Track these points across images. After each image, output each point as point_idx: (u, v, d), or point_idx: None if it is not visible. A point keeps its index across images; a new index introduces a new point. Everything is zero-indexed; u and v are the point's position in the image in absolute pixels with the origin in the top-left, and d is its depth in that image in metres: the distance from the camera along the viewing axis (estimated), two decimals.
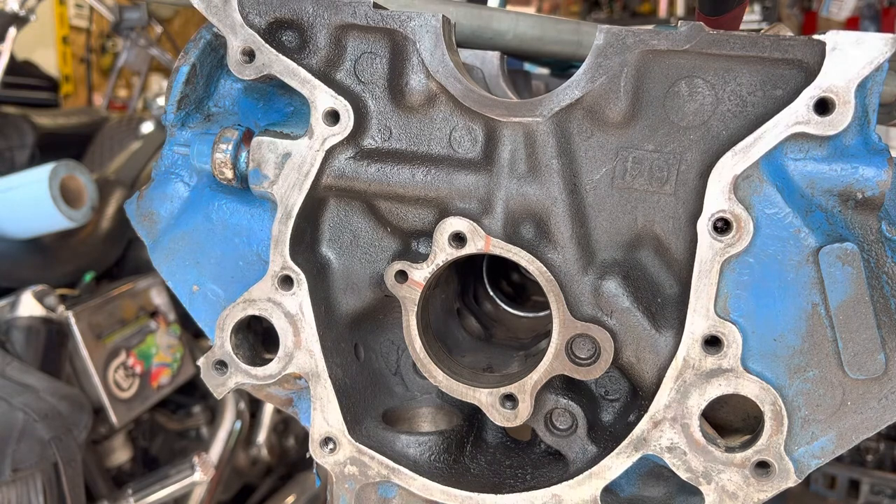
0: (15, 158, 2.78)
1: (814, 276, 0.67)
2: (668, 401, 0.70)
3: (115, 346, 2.28)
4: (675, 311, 0.72)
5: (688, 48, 0.68)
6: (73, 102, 6.51)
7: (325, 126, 0.76)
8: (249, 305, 0.78)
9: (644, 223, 0.72)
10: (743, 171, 0.66)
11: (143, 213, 0.89)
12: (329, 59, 0.78)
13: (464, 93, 0.75)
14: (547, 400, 0.77)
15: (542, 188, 0.73)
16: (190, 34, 0.86)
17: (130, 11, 4.25)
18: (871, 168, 0.66)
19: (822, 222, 0.67)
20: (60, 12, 6.68)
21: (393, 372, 0.87)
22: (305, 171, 0.77)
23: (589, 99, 0.71)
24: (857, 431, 0.68)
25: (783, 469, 0.68)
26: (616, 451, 0.72)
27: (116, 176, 2.81)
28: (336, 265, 0.82)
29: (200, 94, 0.86)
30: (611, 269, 0.73)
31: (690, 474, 0.70)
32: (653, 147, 0.71)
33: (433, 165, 0.77)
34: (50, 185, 2.17)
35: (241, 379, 0.80)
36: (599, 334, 0.72)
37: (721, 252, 0.67)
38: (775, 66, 0.67)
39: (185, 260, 0.86)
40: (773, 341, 0.68)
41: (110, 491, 2.21)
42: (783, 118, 0.65)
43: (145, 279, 2.51)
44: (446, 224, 0.75)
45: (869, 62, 0.63)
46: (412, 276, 0.76)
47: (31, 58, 4.84)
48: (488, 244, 0.74)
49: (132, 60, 4.74)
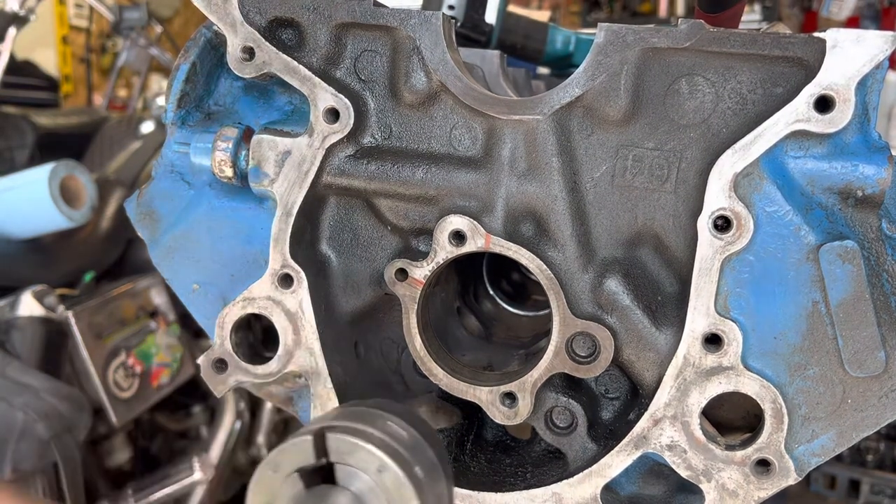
0: (15, 158, 2.79)
1: (814, 273, 0.67)
2: (669, 399, 0.70)
3: (115, 346, 2.28)
4: (676, 309, 0.72)
5: (688, 46, 0.68)
6: (73, 102, 6.51)
7: (326, 124, 0.76)
8: (249, 304, 0.78)
9: (644, 221, 0.72)
10: (743, 169, 0.66)
11: (143, 212, 0.89)
12: (329, 56, 0.78)
13: (464, 91, 0.75)
14: (547, 398, 0.77)
15: (543, 186, 0.73)
16: (190, 34, 0.86)
17: (130, 11, 4.25)
18: (871, 166, 0.66)
19: (822, 220, 0.67)
20: (60, 12, 6.68)
21: (393, 370, 0.87)
22: (305, 170, 0.77)
23: (589, 97, 0.71)
24: (857, 429, 0.68)
25: (783, 467, 0.68)
26: (616, 449, 0.72)
27: (116, 176, 2.81)
28: (336, 263, 0.82)
29: (200, 92, 0.86)
30: (611, 268, 0.73)
31: (691, 472, 0.70)
32: (653, 145, 0.71)
33: (433, 163, 0.77)
34: (50, 185, 2.17)
35: (241, 377, 0.80)
36: (599, 332, 0.72)
37: (721, 250, 0.67)
38: (775, 63, 0.67)
39: (185, 258, 0.86)
40: (773, 339, 0.68)
41: (110, 491, 2.21)
42: (783, 116, 0.65)
43: (145, 279, 2.51)
44: (446, 222, 0.75)
45: (869, 60, 0.63)
46: (412, 275, 0.76)
47: (31, 58, 4.85)
48: (488, 242, 0.74)
49: (132, 60, 4.74)
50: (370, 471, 0.49)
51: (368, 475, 0.49)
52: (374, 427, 0.51)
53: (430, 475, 0.52)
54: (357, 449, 0.49)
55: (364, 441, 0.49)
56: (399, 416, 0.55)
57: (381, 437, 0.50)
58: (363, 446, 0.49)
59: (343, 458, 0.50)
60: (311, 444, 0.49)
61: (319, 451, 0.50)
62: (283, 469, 0.50)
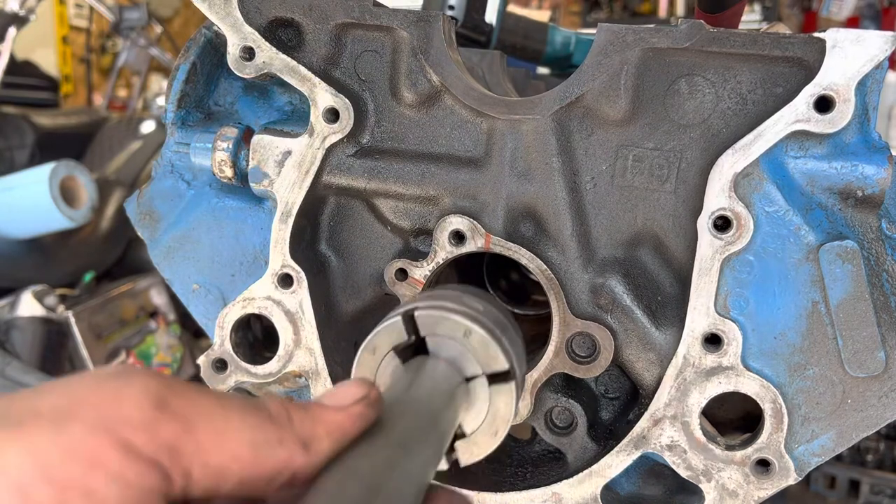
0: (15, 158, 2.79)
1: (814, 273, 0.67)
2: (669, 399, 0.70)
3: (115, 346, 2.28)
4: (675, 309, 0.72)
5: (688, 46, 0.68)
6: (73, 102, 6.51)
7: (326, 124, 0.76)
8: (249, 304, 0.78)
9: (644, 221, 0.72)
10: (743, 169, 0.66)
11: (143, 212, 0.89)
12: (329, 56, 0.78)
13: (464, 91, 0.75)
14: (547, 398, 0.77)
15: (543, 186, 0.73)
16: (190, 34, 0.86)
17: (130, 11, 4.25)
18: (871, 166, 0.66)
19: (822, 220, 0.67)
20: (60, 12, 6.68)
21: None
22: (305, 170, 0.77)
23: (589, 97, 0.71)
24: (857, 429, 0.68)
25: (783, 467, 0.68)
26: (616, 449, 0.72)
27: (116, 176, 2.82)
28: (336, 263, 0.82)
29: (200, 92, 0.86)
30: (611, 268, 0.73)
31: (690, 472, 0.70)
32: (653, 145, 0.71)
33: (433, 163, 0.77)
34: (50, 185, 2.18)
35: (241, 377, 0.80)
36: (599, 332, 0.72)
37: (721, 250, 0.67)
38: (775, 63, 0.67)
39: (185, 258, 0.86)
40: (773, 339, 0.68)
41: None
42: (783, 116, 0.65)
43: (145, 279, 2.51)
44: (446, 222, 0.75)
45: (869, 60, 0.63)
46: (412, 275, 0.76)
47: (31, 58, 4.85)
48: (488, 242, 0.74)
49: (132, 60, 4.73)
50: (458, 337, 0.55)
51: (457, 341, 0.55)
52: (454, 302, 0.58)
53: (507, 335, 0.59)
54: (443, 320, 0.55)
55: (448, 312, 0.56)
56: (471, 294, 0.62)
57: (462, 308, 0.57)
58: (448, 317, 0.55)
59: (432, 331, 0.55)
60: (401, 324, 0.56)
61: (409, 329, 0.56)
62: (381, 350, 0.55)
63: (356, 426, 0.43)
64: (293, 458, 0.40)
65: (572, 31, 1.55)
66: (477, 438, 0.56)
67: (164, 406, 0.37)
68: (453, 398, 0.52)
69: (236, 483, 0.39)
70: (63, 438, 0.33)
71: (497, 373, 0.56)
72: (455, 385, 0.53)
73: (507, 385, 0.55)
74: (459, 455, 0.56)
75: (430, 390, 0.51)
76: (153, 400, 0.37)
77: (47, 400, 0.35)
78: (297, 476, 0.41)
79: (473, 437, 0.56)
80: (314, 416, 0.42)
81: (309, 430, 0.41)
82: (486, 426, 0.56)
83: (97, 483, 0.33)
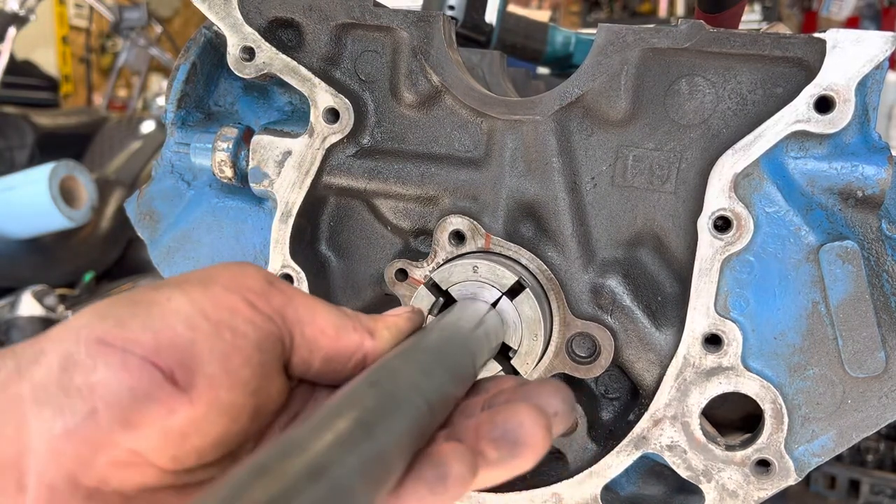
0: (15, 158, 2.79)
1: (814, 274, 0.67)
2: (669, 399, 0.70)
3: None
4: (676, 309, 0.72)
5: (688, 46, 0.68)
6: (73, 102, 6.51)
7: (325, 124, 0.76)
8: None
9: (644, 221, 0.72)
10: (743, 170, 0.66)
11: (143, 212, 0.89)
12: (329, 57, 0.78)
13: (464, 91, 0.75)
14: None
15: (543, 186, 0.73)
16: (190, 34, 0.86)
17: (130, 11, 4.25)
18: (871, 166, 0.66)
19: (822, 220, 0.67)
20: (60, 12, 6.68)
21: None
22: (305, 170, 0.77)
23: (589, 97, 0.71)
24: (857, 430, 0.68)
25: (783, 467, 0.68)
26: (616, 449, 0.72)
27: (116, 176, 2.82)
28: (336, 263, 0.82)
29: (200, 92, 0.86)
30: (611, 268, 0.73)
31: (691, 472, 0.70)
32: (653, 145, 0.71)
33: (433, 163, 0.77)
34: (50, 185, 2.18)
35: None
36: (599, 333, 0.72)
37: (721, 250, 0.67)
38: (775, 64, 0.67)
39: (185, 259, 0.86)
40: (773, 339, 0.68)
41: None
42: (783, 116, 0.65)
43: (145, 279, 2.51)
44: (446, 222, 0.75)
45: (869, 60, 0.63)
46: (412, 275, 0.76)
47: (31, 58, 4.85)
48: (488, 242, 0.74)
49: (132, 60, 4.74)
50: (470, 276, 0.67)
51: (471, 280, 0.67)
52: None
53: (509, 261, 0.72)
54: (453, 268, 0.68)
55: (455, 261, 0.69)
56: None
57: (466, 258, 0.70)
58: (456, 263, 0.68)
59: (450, 282, 0.67)
60: (426, 290, 0.68)
61: (435, 293, 0.68)
62: None
63: (408, 325, 0.55)
64: (364, 342, 0.51)
65: (572, 31, 1.55)
66: (525, 349, 0.66)
67: (273, 284, 0.49)
68: (482, 322, 0.60)
69: (323, 359, 0.49)
70: (210, 293, 0.45)
71: (512, 288, 0.66)
72: (484, 311, 0.63)
73: (524, 293, 0.66)
74: (519, 369, 0.67)
75: (458, 313, 0.61)
76: (265, 279, 0.49)
77: (193, 274, 0.47)
78: (367, 358, 0.51)
79: (521, 349, 0.66)
80: (375, 317, 0.54)
81: (373, 324, 0.52)
82: (526, 333, 0.66)
83: (237, 322, 0.45)
